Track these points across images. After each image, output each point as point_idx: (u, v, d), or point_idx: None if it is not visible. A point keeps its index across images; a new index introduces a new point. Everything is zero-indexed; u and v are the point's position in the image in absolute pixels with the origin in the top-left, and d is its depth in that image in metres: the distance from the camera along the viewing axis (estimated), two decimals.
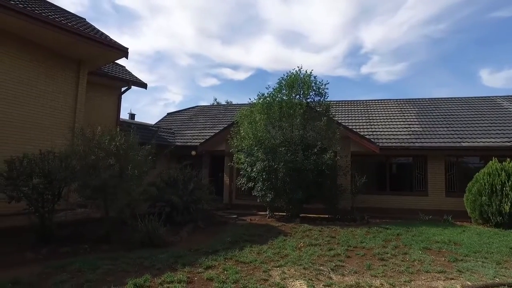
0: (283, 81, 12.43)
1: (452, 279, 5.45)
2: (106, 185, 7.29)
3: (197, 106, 23.82)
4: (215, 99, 47.92)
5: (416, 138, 14.28)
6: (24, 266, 5.67)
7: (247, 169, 11.85)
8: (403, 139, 14.39)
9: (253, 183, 11.83)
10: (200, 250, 6.90)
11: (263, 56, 72.30)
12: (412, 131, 15.08)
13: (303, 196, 11.15)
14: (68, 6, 74.60)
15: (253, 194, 12.08)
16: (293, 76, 12.41)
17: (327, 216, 11.94)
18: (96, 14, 67.75)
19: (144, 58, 71.93)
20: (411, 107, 18.48)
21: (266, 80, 77.96)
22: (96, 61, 11.64)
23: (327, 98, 12.79)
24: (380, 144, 13.75)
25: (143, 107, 74.33)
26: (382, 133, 15.28)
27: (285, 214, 11.99)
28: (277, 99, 12.02)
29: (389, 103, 19.74)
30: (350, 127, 14.85)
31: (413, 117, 16.87)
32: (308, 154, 11.20)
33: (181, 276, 5.12)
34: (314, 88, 12.42)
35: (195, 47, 69.92)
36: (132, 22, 69.85)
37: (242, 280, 5.08)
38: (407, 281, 5.26)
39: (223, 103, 40.95)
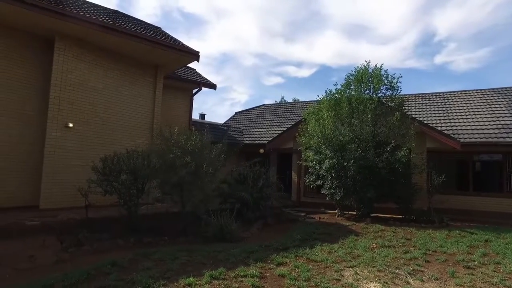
0: (351, 76, 12.02)
1: None
2: (183, 181, 7.82)
3: (264, 104, 24.13)
4: (283, 97, 48.11)
5: (507, 133, 12.69)
6: (117, 251, 6.39)
7: (316, 167, 11.72)
8: (490, 133, 12.92)
9: (321, 181, 11.68)
10: (270, 246, 7.02)
11: (327, 52, 70.53)
12: (502, 124, 13.43)
13: (374, 195, 10.70)
14: (144, 17, 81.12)
15: (321, 192, 11.92)
16: (361, 70, 11.93)
17: (400, 216, 11.30)
18: (167, 22, 72.55)
19: (210, 60, 75.12)
20: (500, 97, 16.43)
21: (331, 76, 75.90)
22: (171, 65, 12.54)
23: (399, 92, 12.06)
24: (461, 140, 12.54)
25: (210, 107, 77.70)
26: (464, 127, 13.91)
27: (355, 213, 11.64)
28: (345, 95, 11.67)
29: (472, 94, 17.83)
30: (425, 121, 13.80)
31: (503, 108, 14.99)
32: (379, 152, 10.72)
33: (253, 271, 5.25)
34: (385, 82, 11.78)
35: (258, 47, 70.96)
36: (199, 26, 73.36)
37: (314, 279, 5.07)
38: None
39: (289, 101, 41.00)
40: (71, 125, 9.78)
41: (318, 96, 12.57)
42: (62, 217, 8.08)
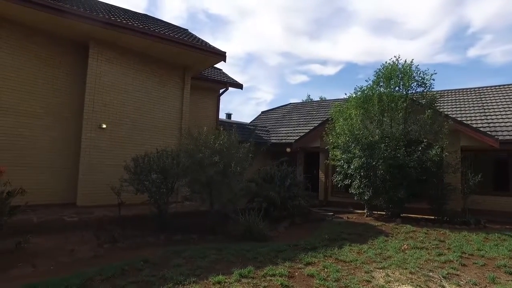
0: (380, 73, 11.71)
1: None
2: (211, 180, 7.94)
3: (290, 103, 23.96)
4: (308, 95, 47.69)
5: None
6: (148, 248, 6.58)
7: (344, 166, 11.54)
8: None
9: (349, 180, 11.48)
10: (298, 245, 7.00)
11: (353, 49, 69.20)
12: None
13: (405, 195, 10.40)
14: (171, 19, 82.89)
15: (349, 191, 11.72)
16: (390, 67, 11.58)
17: (432, 217, 10.91)
18: (193, 24, 73.85)
19: (236, 60, 75.70)
20: None
21: (357, 74, 74.35)
22: (198, 66, 12.74)
23: (431, 88, 11.62)
24: (500, 137, 11.89)
25: (236, 107, 78.27)
26: (502, 124, 13.16)
27: (384, 213, 11.36)
28: (376, 92, 11.37)
29: (511, 88, 16.85)
30: (459, 118, 13.22)
31: None
32: (410, 150, 10.41)
33: (282, 270, 5.24)
34: (417, 78, 11.38)
35: (283, 46, 70.70)
36: (224, 27, 74.07)
37: (344, 279, 5.00)
38: None
39: (315, 99, 40.58)
40: (104, 126, 10.19)
41: (345, 94, 12.35)
42: (97, 214, 8.45)
